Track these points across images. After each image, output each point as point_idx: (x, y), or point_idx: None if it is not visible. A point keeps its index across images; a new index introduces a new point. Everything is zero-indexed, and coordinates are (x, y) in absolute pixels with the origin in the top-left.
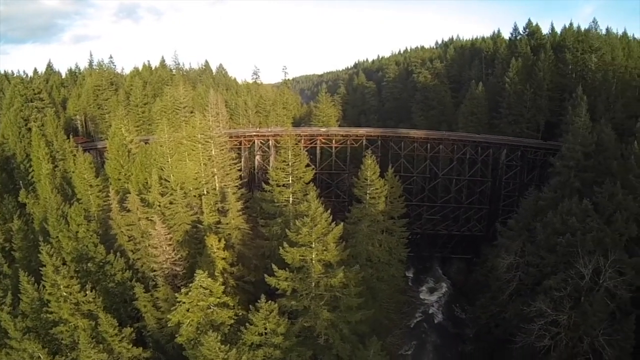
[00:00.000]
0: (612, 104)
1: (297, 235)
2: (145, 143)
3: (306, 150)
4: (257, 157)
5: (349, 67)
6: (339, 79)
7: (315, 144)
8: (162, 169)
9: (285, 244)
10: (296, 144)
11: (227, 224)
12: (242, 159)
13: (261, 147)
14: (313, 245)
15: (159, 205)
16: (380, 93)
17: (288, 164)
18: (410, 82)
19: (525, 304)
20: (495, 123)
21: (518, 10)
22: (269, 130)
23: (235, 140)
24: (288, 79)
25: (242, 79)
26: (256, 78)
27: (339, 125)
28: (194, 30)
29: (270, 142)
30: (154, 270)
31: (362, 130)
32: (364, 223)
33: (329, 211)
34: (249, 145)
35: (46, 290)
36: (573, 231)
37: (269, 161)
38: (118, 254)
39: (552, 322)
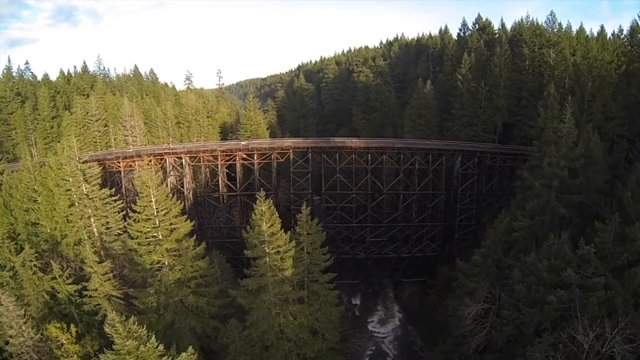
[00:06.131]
0: (587, 103)
1: None
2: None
3: (226, 168)
4: (170, 179)
5: (293, 69)
6: (282, 82)
7: (235, 160)
8: (30, 210)
9: None
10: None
11: (94, 290)
12: None
13: (174, 167)
14: None
15: (11, 268)
16: (320, 95)
17: (154, 212)
18: (351, 82)
19: None
20: (446, 126)
21: (463, 9)
22: (182, 146)
23: (145, 160)
24: (232, 84)
25: (171, 84)
26: (189, 84)
27: (272, 134)
28: (135, 35)
29: (183, 160)
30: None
31: (288, 142)
32: (265, 294)
33: None
34: (159, 166)
35: None
36: (567, 285)
37: (183, 183)
38: None
39: None
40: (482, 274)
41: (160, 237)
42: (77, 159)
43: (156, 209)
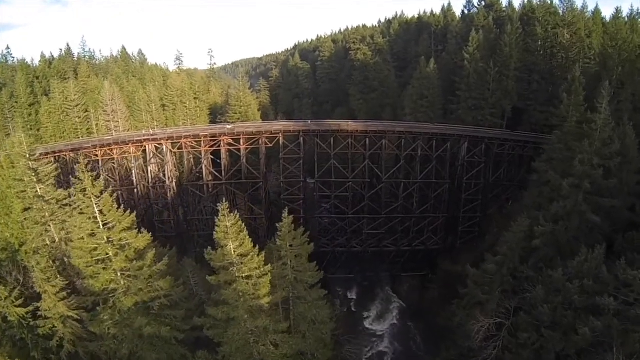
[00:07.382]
0: (614, 91)
1: None
2: None
3: (211, 155)
4: (151, 168)
5: (289, 48)
6: (277, 61)
7: (220, 146)
8: None
9: None
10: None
11: (46, 310)
12: (134, 171)
13: (155, 154)
14: None
15: None
16: (315, 74)
17: (98, 224)
18: (348, 61)
19: None
20: (451, 109)
21: None
22: (163, 132)
23: (123, 148)
24: (227, 64)
25: (164, 65)
26: (179, 64)
27: (264, 115)
28: (126, 14)
29: (164, 147)
30: None
31: (278, 125)
32: (236, 327)
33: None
34: (139, 153)
35: None
36: (601, 311)
37: (165, 172)
38: None
39: None
40: (495, 284)
41: (110, 254)
42: (27, 156)
43: (102, 221)
